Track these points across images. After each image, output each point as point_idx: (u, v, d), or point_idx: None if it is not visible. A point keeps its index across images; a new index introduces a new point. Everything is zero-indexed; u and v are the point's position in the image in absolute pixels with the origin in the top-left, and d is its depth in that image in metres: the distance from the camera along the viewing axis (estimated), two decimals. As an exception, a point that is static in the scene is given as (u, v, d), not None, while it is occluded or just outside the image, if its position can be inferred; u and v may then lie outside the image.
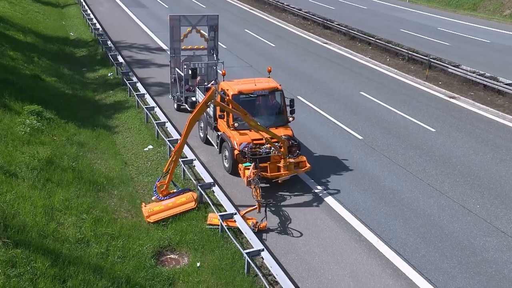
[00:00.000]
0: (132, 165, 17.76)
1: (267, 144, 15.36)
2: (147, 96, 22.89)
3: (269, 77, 17.36)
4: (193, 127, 14.62)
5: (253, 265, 11.91)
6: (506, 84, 25.20)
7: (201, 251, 12.96)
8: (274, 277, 11.83)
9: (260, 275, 11.74)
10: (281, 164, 15.37)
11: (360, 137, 19.82)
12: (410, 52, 30.64)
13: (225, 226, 13.37)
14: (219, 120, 17.09)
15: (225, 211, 14.15)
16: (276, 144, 15.21)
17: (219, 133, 17.18)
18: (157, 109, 21.44)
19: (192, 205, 14.51)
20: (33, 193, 13.39)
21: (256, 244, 12.60)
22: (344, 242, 13.48)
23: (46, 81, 23.97)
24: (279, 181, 15.46)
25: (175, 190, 15.14)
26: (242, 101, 15.78)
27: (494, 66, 29.14)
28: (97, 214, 13.69)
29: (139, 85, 24.28)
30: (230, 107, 14.95)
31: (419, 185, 16.36)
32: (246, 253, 12.12)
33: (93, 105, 23.38)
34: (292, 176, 15.82)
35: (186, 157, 17.16)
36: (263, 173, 15.04)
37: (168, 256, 13.04)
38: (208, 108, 16.29)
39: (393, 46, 32.09)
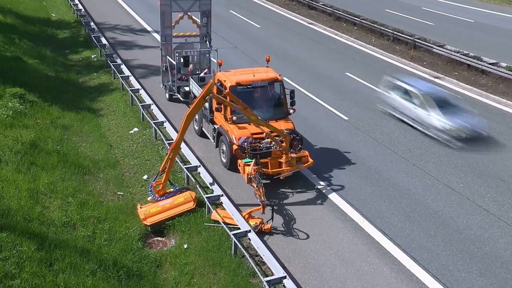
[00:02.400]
0: (117, 148, 17.66)
1: (267, 138, 14.65)
2: (132, 78, 22.66)
3: (267, 66, 16.68)
4: (190, 123, 13.86)
5: (240, 246, 11.98)
6: (489, 64, 25.40)
7: (188, 233, 12.99)
8: (261, 257, 11.93)
9: (247, 256, 11.83)
10: (282, 160, 14.63)
11: (345, 118, 19.89)
12: (395, 33, 30.65)
13: (221, 221, 12.97)
14: (215, 113, 16.29)
15: (212, 192, 14.19)
16: (277, 138, 14.50)
17: (215, 126, 16.35)
18: (142, 91, 21.25)
19: (190, 205, 13.68)
20: (17, 176, 13.27)
21: (243, 226, 12.66)
22: (330, 222, 13.61)
23: (28, 63, 23.57)
24: (281, 177, 14.75)
25: (172, 190, 14.29)
26: (240, 93, 14.96)
27: (478, 45, 29.30)
28: (83, 197, 13.63)
29: (123, 67, 24.01)
30: (228, 100, 14.09)
31: (404, 165, 16.52)
32: (233, 234, 12.18)
33: (77, 87, 23.08)
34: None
35: (172, 140, 17.09)
36: (264, 169, 14.31)
37: (155, 239, 13.06)
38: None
39: (378, 27, 32.05)
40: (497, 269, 11.94)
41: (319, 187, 15.14)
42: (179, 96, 20.29)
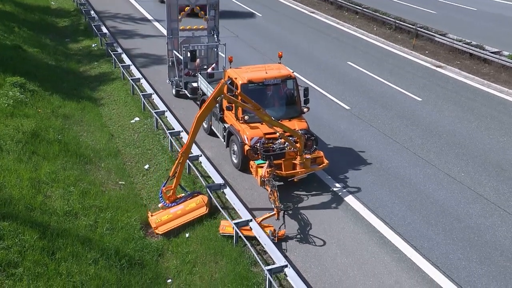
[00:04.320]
0: (118, 137, 17.67)
1: (280, 138, 14.00)
2: (133, 68, 22.60)
3: (279, 62, 15.99)
4: (200, 126, 13.21)
5: (241, 235, 12.02)
6: (491, 53, 25.29)
7: (189, 222, 13.01)
8: (263, 246, 11.96)
9: (248, 245, 11.87)
10: (297, 161, 13.97)
11: (347, 107, 19.85)
12: (397, 21, 30.49)
13: (240, 233, 12.10)
14: (226, 111, 15.52)
15: (213, 182, 14.21)
16: (291, 138, 13.84)
17: (226, 125, 15.67)
18: (143, 81, 21.19)
19: (203, 210, 13.05)
20: (19, 166, 13.30)
21: (244, 215, 12.69)
22: (331, 212, 13.62)
23: (28, 52, 23.51)
24: (295, 180, 14.04)
25: (183, 195, 13.66)
26: (251, 90, 14.34)
27: (481, 34, 29.15)
28: (84, 186, 13.66)
29: (124, 56, 23.93)
30: (239, 99, 13.28)
31: (405, 154, 16.51)
32: (235, 223, 12.20)
33: (78, 76, 23.05)
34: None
35: (173, 129, 17.11)
36: (278, 171, 13.69)
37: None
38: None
39: (380, 15, 31.89)
40: (497, 257, 11.98)
41: (320, 176, 15.14)
42: (186, 92, 19.74)
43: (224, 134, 15.78)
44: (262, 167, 13.50)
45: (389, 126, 18.36)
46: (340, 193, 14.35)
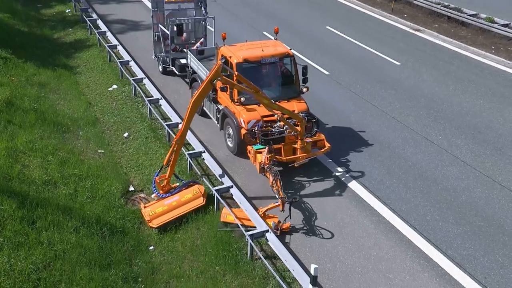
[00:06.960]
0: (96, 106, 17.42)
1: (279, 121, 13.22)
2: (109, 34, 22.11)
3: (276, 38, 15.14)
4: (196, 111, 12.35)
5: (222, 201, 12.09)
6: (469, 16, 25.36)
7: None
8: (244, 212, 12.06)
9: (229, 211, 11.94)
10: (297, 146, 13.24)
11: (326, 73, 19.81)
12: (376, -16, 30.20)
13: (240, 224, 11.54)
14: (219, 92, 14.51)
15: (193, 149, 14.18)
16: (290, 121, 13.06)
17: (220, 106, 14.76)
18: (120, 47, 20.78)
19: (200, 201, 12.35)
20: (-6, 135, 13.08)
21: (226, 181, 12.74)
22: (310, 178, 13.73)
23: (-1, 19, 22.80)
24: (296, 165, 13.24)
25: (177, 184, 12.92)
26: (246, 70, 13.43)
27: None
28: (63, 155, 13.52)
29: (99, 22, 23.36)
30: (235, 80, 12.41)
31: (384, 118, 16.65)
32: (216, 190, 12.26)
33: (52, 43, 22.47)
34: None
35: (152, 96, 16.93)
36: (277, 157, 12.97)
37: (138, 196, 13.08)
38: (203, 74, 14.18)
39: (360, -22, 31.52)
40: (472, 218, 12.31)
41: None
42: (174, 69, 18.77)
43: (218, 116, 14.88)
44: (261, 152, 12.80)
45: (368, 91, 18.43)
46: (320, 159, 14.44)
